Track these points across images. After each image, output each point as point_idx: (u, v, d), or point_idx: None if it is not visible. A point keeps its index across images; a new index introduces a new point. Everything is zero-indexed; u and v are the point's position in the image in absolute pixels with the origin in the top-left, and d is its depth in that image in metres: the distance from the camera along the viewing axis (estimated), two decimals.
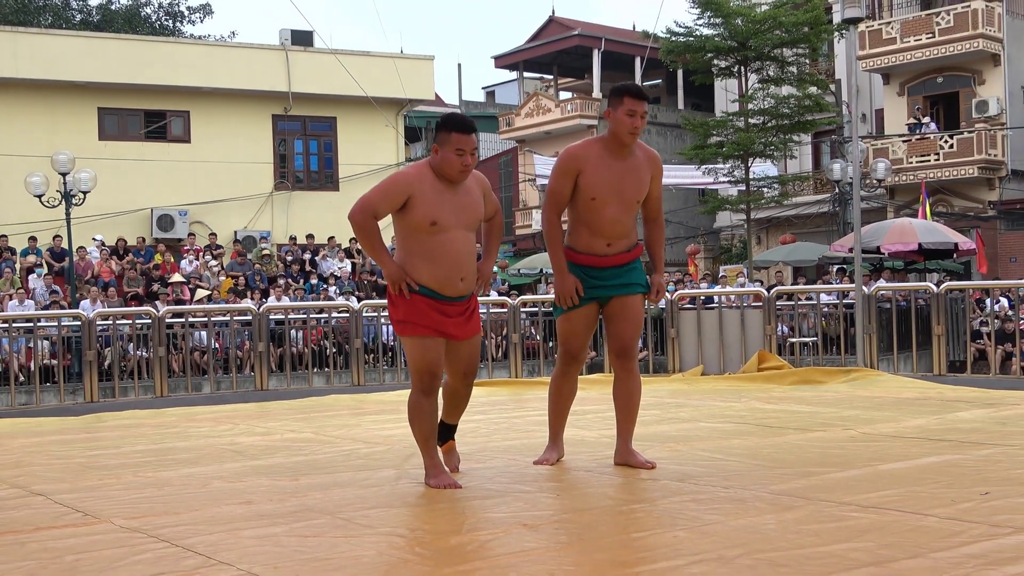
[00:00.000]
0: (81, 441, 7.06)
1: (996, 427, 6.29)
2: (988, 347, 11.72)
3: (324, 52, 25.22)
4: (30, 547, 3.76)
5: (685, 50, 27.53)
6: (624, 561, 3.39)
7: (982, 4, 28.44)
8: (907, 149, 29.24)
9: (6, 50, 22.49)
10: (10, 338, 12.20)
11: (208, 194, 23.78)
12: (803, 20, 26.13)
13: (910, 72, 30.25)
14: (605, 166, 4.69)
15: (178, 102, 24.11)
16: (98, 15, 38.41)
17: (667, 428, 6.68)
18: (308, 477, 5.15)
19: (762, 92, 27.00)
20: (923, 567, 3.11)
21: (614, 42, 36.77)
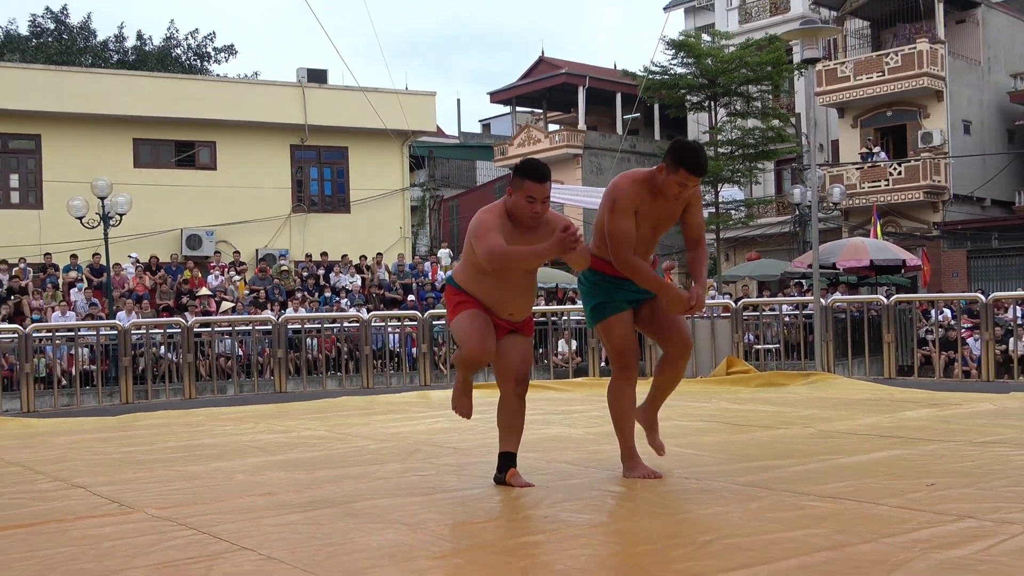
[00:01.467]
0: (117, 438, 7.05)
1: (940, 425, 6.30)
2: (933, 353, 11.73)
3: (337, 89, 25.26)
4: (71, 534, 3.77)
5: (661, 87, 27.66)
6: (605, 545, 3.40)
7: (927, 46, 28.58)
8: (860, 176, 29.33)
9: (52, 87, 22.51)
10: (54, 345, 12.17)
11: (232, 216, 23.78)
12: (766, 60, 26.30)
13: (862, 107, 30.37)
14: (649, 206, 4.37)
15: (205, 133, 24.12)
16: (133, 55, 38.44)
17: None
18: (322, 471, 5.15)
19: (730, 124, 27.13)
20: (875, 551, 3.12)
21: (597, 79, 36.85)
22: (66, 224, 19.93)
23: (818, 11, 30.63)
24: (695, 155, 4.22)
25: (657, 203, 4.37)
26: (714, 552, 3.19)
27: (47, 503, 4.47)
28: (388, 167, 25.96)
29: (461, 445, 6.00)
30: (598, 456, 5.31)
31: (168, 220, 22.95)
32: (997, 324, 11.59)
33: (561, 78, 36.76)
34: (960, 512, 3.63)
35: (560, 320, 14.34)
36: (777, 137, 27.22)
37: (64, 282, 18.62)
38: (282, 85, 25.45)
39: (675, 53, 27.50)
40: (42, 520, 4.06)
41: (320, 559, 3.23)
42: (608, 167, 33.95)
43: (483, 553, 3.32)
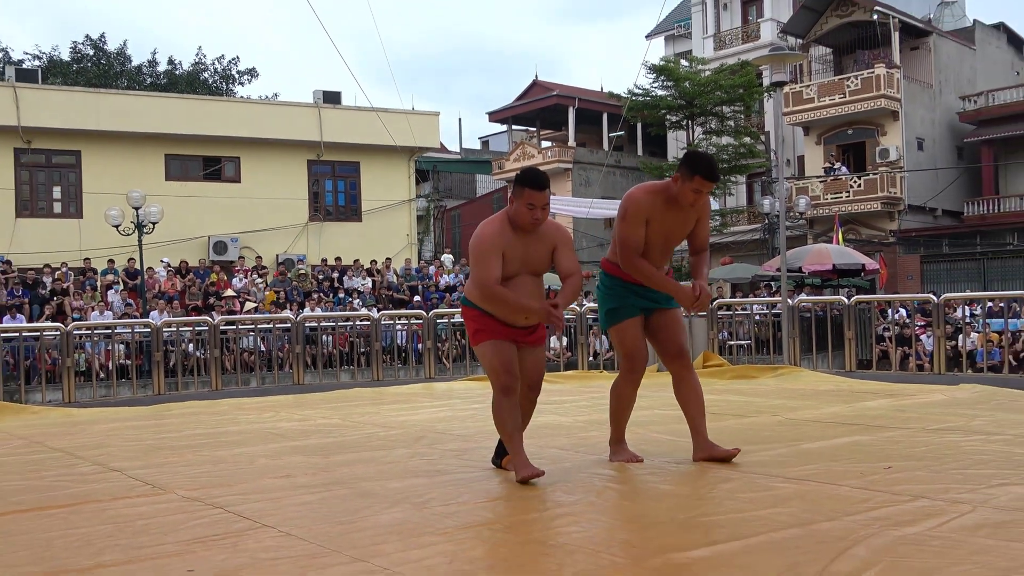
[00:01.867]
0: (150, 426, 7.04)
1: (896, 413, 6.30)
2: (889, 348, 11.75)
3: (350, 109, 25.27)
4: (109, 513, 3.76)
5: (643, 107, 27.67)
6: (590, 523, 3.39)
7: (884, 71, 28.63)
8: (823, 188, 29.36)
9: (90, 107, 22.50)
10: (92, 342, 12.16)
11: (255, 224, 23.78)
12: (739, 83, 26.31)
13: (825, 125, 30.41)
14: (662, 216, 4.28)
15: (230, 149, 24.12)
16: (165, 78, 38.41)
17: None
18: (336, 455, 5.14)
19: (706, 141, 27.14)
20: (837, 528, 3.12)
21: (586, 101, 36.88)
22: (104, 232, 19.91)
23: (785, 39, 30.66)
24: (709, 163, 4.18)
25: (670, 213, 4.30)
26: (692, 528, 3.19)
27: (87, 485, 4.46)
28: (396, 180, 25.98)
29: (462, 432, 5.99)
30: (587, 442, 5.32)
31: (196, 228, 22.95)
32: (947, 322, 11.61)
33: (553, 100, 36.80)
34: (914, 493, 3.64)
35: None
36: (748, 153, 27.24)
37: (102, 284, 18.61)
38: (300, 106, 25.44)
39: (656, 77, 27.52)
40: (82, 500, 4.06)
41: (334, 535, 3.23)
42: (595, 180, 33.98)
43: (483, 530, 3.32)
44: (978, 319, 12.78)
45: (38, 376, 10.72)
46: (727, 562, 2.77)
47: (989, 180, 30.43)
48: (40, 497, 4.16)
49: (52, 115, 21.84)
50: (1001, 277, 26.02)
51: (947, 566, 2.66)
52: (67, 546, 3.23)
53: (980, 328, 12.39)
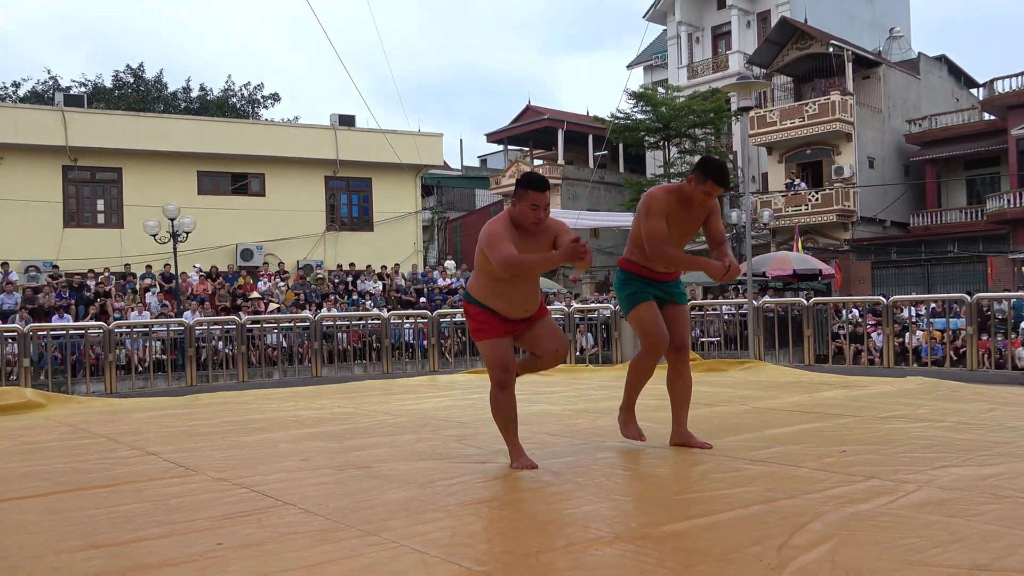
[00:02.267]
0: (183, 414, 7.02)
1: (850, 402, 6.31)
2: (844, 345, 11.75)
3: (362, 131, 25.25)
4: (145, 492, 3.75)
5: (625, 130, 27.73)
6: (576, 500, 3.39)
7: (839, 97, 28.70)
8: (784, 201, 29.41)
9: (130, 129, 22.46)
10: (132, 339, 12.12)
11: (278, 233, 23.75)
12: (710, 108, 26.40)
13: (786, 146, 30.47)
14: (677, 212, 4.25)
15: (256, 167, 24.09)
16: (197, 103, 38.36)
17: (611, 404, 6.65)
18: (350, 440, 5.13)
19: (680, 160, 27.19)
20: (798, 505, 3.12)
21: (573, 123, 36.90)
22: (142, 240, 19.88)
23: (751, 69, 30.72)
24: (722, 170, 4.15)
25: (683, 211, 4.26)
26: (668, 506, 3.19)
27: (126, 467, 4.45)
28: (404, 194, 25.96)
29: (463, 419, 5.99)
30: (574, 428, 5.32)
31: (225, 237, 22.91)
32: (896, 321, 11.63)
33: (544, 123, 36.83)
34: (867, 473, 3.64)
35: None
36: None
37: (140, 287, 18.57)
38: (318, 128, 25.42)
39: (636, 103, 27.61)
40: (122, 481, 4.04)
41: (348, 512, 3.22)
42: (582, 194, 33.97)
43: (481, 507, 3.32)
44: (923, 319, 12.81)
45: (83, 370, 10.68)
46: (700, 535, 2.77)
47: (932, 195, 30.52)
48: (84, 478, 4.15)
49: (96, 136, 21.80)
50: (943, 281, 26.10)
51: (896, 539, 2.66)
52: (108, 522, 3.21)
53: (924, 327, 12.42)
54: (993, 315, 11.18)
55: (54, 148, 21.32)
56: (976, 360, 9.06)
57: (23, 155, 21.09)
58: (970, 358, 9.11)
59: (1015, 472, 3.62)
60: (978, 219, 28.38)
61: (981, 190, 29.73)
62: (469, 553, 2.69)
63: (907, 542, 2.63)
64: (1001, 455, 4.03)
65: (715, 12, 34.65)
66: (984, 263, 26.05)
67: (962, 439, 4.51)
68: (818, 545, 2.61)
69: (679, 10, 34.66)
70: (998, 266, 25.54)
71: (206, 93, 39.10)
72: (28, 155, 21.14)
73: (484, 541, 2.84)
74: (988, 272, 25.48)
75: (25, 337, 9.79)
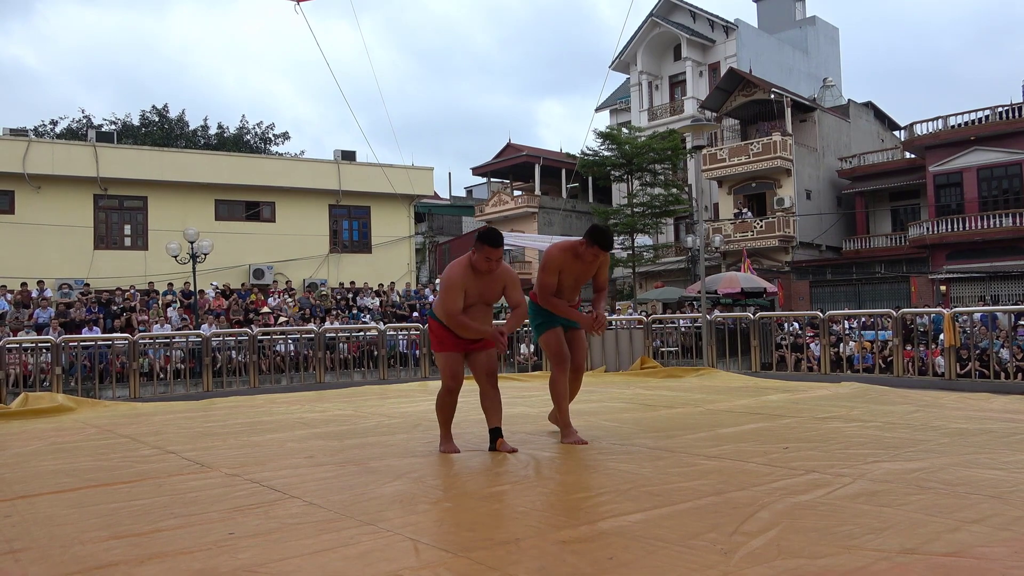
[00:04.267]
0: (200, 417, 6.94)
1: (792, 405, 6.33)
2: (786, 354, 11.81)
3: (362, 164, 25.23)
4: (165, 487, 3.69)
5: (593, 165, 27.84)
6: (554, 492, 3.37)
7: (779, 137, 29.03)
8: (733, 228, 29.62)
9: (155, 162, 22.32)
10: (154, 349, 11.97)
11: (286, 255, 23.62)
12: (668, 146, 26.57)
13: (735, 179, 30.74)
14: (571, 266, 4.61)
15: (267, 196, 23.97)
16: (215, 139, 38.21)
17: (582, 407, 6.67)
18: (349, 439, 5.09)
19: (642, 192, 27.32)
20: (747, 496, 3.11)
21: (548, 159, 37.06)
22: (165, 261, 19.72)
23: (703, 112, 31.04)
24: (604, 236, 4.50)
25: (577, 264, 4.64)
26: (632, 497, 3.17)
27: (147, 464, 4.38)
28: (398, 221, 25.91)
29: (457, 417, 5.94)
30: (549, 428, 5.29)
31: (239, 258, 22.75)
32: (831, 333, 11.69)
33: (523, 158, 36.97)
34: (807, 468, 3.64)
35: (522, 331, 14.29)
36: (675, 201, 27.46)
37: (162, 303, 18.38)
38: (323, 162, 25.35)
39: (603, 141, 27.74)
40: (144, 477, 3.98)
41: (348, 504, 3.18)
42: (556, 221, 34.07)
43: (466, 499, 3.29)
44: (855, 331, 12.89)
45: (109, 377, 10.52)
46: (659, 524, 2.76)
47: (862, 223, 30.87)
48: (109, 474, 4.08)
49: (124, 168, 21.62)
50: (872, 298, 26.35)
51: (834, 526, 2.66)
52: (130, 514, 3.15)
53: (856, 338, 12.50)
54: (916, 328, 11.29)
55: (87, 179, 21.14)
56: (902, 367, 9.12)
57: (59, 185, 20.89)
58: (896, 366, 9.17)
59: (937, 466, 3.63)
60: (902, 244, 28.73)
61: (904, 219, 30.12)
62: (455, 540, 2.66)
63: (843, 529, 2.63)
64: (924, 451, 4.05)
65: (672, 63, 35.02)
66: (907, 282, 26.35)
67: (891, 437, 4.53)
68: (765, 531, 2.60)
69: (640, 61, 34.99)
70: (920, 285, 25.84)
71: (223, 131, 38.95)
72: (63, 185, 20.95)
73: (469, 529, 2.81)
74: (911, 290, 25.78)
75: (58, 347, 9.64)
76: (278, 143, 40.03)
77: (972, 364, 9.45)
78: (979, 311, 10.32)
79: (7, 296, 17.34)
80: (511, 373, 11.59)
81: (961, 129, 26.95)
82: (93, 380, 10.01)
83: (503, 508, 3.12)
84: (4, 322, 15.80)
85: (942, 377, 8.85)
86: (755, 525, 2.68)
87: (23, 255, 20.10)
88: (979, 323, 11.44)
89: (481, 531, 2.76)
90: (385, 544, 2.62)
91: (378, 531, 2.77)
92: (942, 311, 9.44)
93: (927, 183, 27.92)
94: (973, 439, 4.41)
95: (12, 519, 3.16)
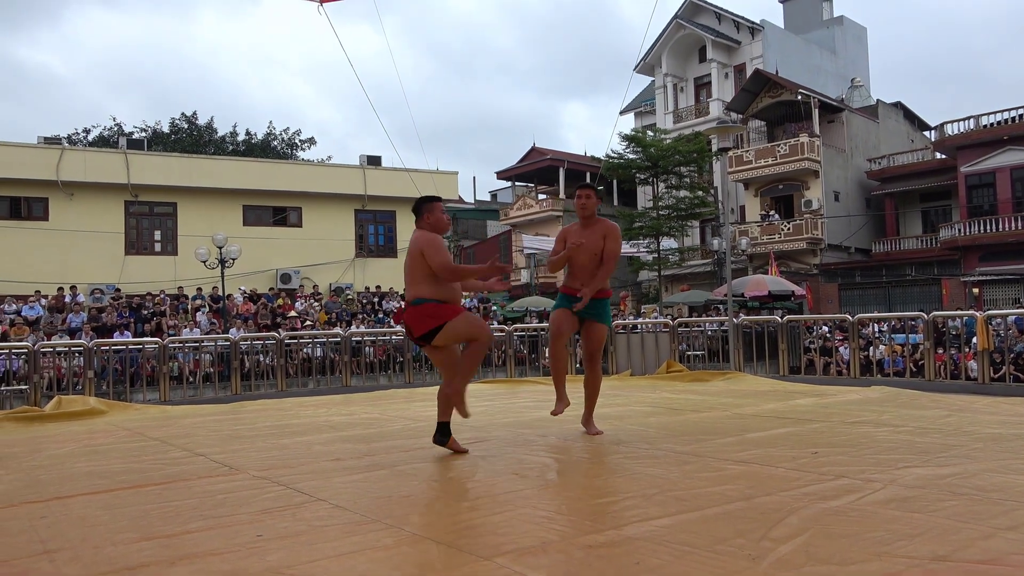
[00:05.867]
0: (229, 420, 7.01)
1: (821, 409, 6.26)
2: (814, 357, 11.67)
3: (387, 169, 25.39)
4: (194, 489, 3.73)
5: (617, 168, 27.76)
6: (579, 497, 3.36)
7: (807, 139, 28.73)
8: (760, 231, 29.36)
9: (185, 169, 22.64)
10: (184, 353, 12.13)
11: (313, 259, 23.81)
12: (693, 149, 26.39)
13: (761, 182, 30.47)
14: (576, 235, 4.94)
15: (294, 201, 24.20)
16: (243, 146, 38.66)
17: (608, 411, 6.65)
18: (376, 442, 5.11)
19: (667, 195, 27.17)
20: (775, 501, 3.08)
21: (573, 162, 37.03)
22: (194, 266, 19.97)
23: (729, 115, 30.81)
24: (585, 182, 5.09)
25: (583, 234, 4.90)
26: (659, 502, 3.15)
27: (177, 467, 4.43)
28: None
29: (475, 424, 5.95)
30: (575, 433, 5.28)
31: (267, 262, 22.99)
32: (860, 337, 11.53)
33: (547, 162, 36.96)
34: (837, 473, 3.59)
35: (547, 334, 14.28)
36: (701, 204, 27.25)
37: (192, 307, 18.62)
38: (349, 167, 25.55)
39: (628, 144, 27.62)
40: (174, 479, 4.03)
41: (374, 507, 3.20)
42: None
43: (491, 503, 3.29)
44: (885, 334, 12.71)
45: (140, 380, 10.69)
46: (686, 529, 2.74)
47: (891, 225, 30.45)
48: (139, 476, 4.14)
49: (155, 175, 21.97)
50: (902, 301, 25.95)
51: (864, 532, 2.63)
52: (160, 516, 3.20)
53: (887, 341, 12.32)
54: (948, 331, 11.10)
55: (118, 185, 21.50)
56: (933, 371, 8.98)
57: (91, 192, 21.26)
58: (928, 369, 9.03)
59: (970, 472, 3.57)
60: (932, 246, 28.28)
61: (935, 220, 29.65)
62: (481, 544, 2.66)
63: (874, 535, 2.59)
64: (957, 456, 3.98)
65: (697, 65, 34.83)
66: (938, 285, 25.92)
67: (922, 442, 4.46)
68: (794, 537, 2.57)
69: (665, 63, 34.85)
70: (951, 288, 25.40)
71: (251, 137, 39.42)
72: (95, 192, 21.32)
73: (495, 533, 2.81)
74: (943, 293, 25.34)
75: (90, 351, 9.80)
76: (304, 149, 40.44)
77: (1007, 368, 9.27)
78: (1013, 314, 10.13)
79: (41, 301, 17.67)
80: (535, 377, 11.58)
81: (993, 129, 26.49)
82: (124, 383, 10.17)
83: (529, 512, 3.12)
84: (39, 326, 16.10)
85: (975, 381, 8.69)
86: (784, 531, 2.65)
87: (56, 261, 20.48)
88: (1013, 326, 11.22)
89: (507, 535, 2.76)
90: (411, 547, 2.62)
91: (404, 534, 2.78)
92: (975, 314, 9.27)
93: (959, 184, 27.47)
94: (1008, 444, 4.32)
95: (47, 520, 3.22)
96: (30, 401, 9.04)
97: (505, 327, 13.38)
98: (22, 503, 3.56)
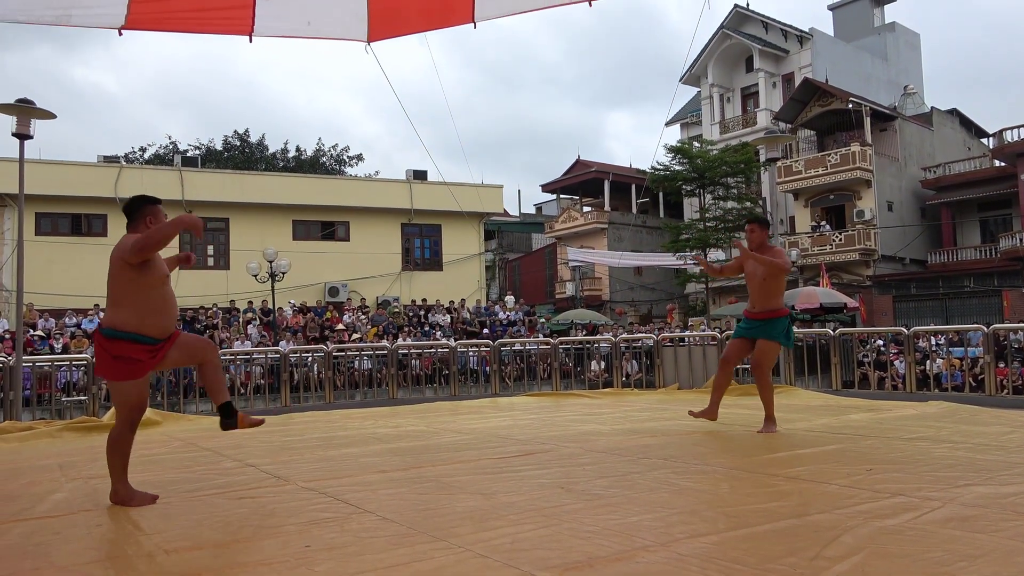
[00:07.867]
0: (278, 431, 7.11)
1: (876, 425, 6.10)
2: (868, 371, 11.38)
3: (433, 184, 25.63)
4: (244, 499, 3.79)
5: (664, 180, 27.57)
6: (627, 512, 3.32)
7: (858, 148, 28.16)
8: (811, 242, 28.83)
9: (236, 185, 23.18)
10: (235, 365, 12.37)
11: (360, 273, 24.13)
12: (741, 159, 26.08)
13: (811, 192, 29.94)
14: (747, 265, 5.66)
15: (342, 216, 24.59)
16: (293, 162, 39.44)
17: (655, 424, 6.57)
18: (422, 455, 5.13)
19: (714, 206, 26.88)
20: (827, 519, 3.01)
21: (618, 174, 36.92)
22: (245, 280, 20.40)
23: (777, 124, 30.39)
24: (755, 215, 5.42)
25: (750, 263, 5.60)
26: (709, 518, 3.10)
27: (228, 477, 4.51)
28: (469, 238, 26.20)
29: (522, 437, 5.94)
30: (621, 446, 5.23)
31: (316, 276, 23.37)
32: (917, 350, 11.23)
33: (592, 174, 36.89)
34: (893, 491, 3.49)
35: (592, 347, 14.21)
36: (749, 215, 26.89)
37: (243, 320, 19.00)
38: (395, 181, 25.88)
39: (674, 156, 27.42)
40: (225, 489, 4.10)
41: (420, 520, 3.21)
42: (626, 237, 33.83)
43: (536, 515, 3.27)
44: (942, 348, 12.35)
45: (193, 392, 10.93)
46: (738, 546, 2.68)
47: (948, 235, 29.61)
48: (192, 486, 4.23)
49: (208, 191, 22.55)
50: (960, 313, 25.17)
51: (922, 553, 2.54)
52: (211, 524, 3.25)
53: (944, 355, 11.97)
54: (1010, 344, 10.73)
55: (172, 202, 22.10)
56: (995, 386, 8.68)
57: None
58: (988, 384, 8.73)
59: None
60: (992, 256, 27.40)
61: (994, 230, 28.73)
62: (527, 559, 2.64)
63: (933, 555, 2.50)
64: (1021, 475, 3.83)
65: (744, 75, 34.46)
66: (999, 297, 25.07)
67: (983, 459, 4.31)
68: (849, 557, 2.50)
69: (711, 74, 34.56)
70: (1013, 299, 24.54)
71: (300, 154, 40.19)
72: None
73: (540, 548, 2.79)
74: (1004, 305, 24.51)
75: None
76: (352, 165, 41.07)
77: None
78: None
79: (100, 315, 18.23)
80: (580, 390, 11.51)
81: None
82: (178, 395, 10.41)
83: (575, 527, 3.09)
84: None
85: None
86: (838, 550, 2.58)
87: None
88: None
89: (553, 550, 2.74)
90: (457, 560, 2.62)
91: (450, 547, 2.78)
92: None
93: (1020, 192, 26.59)
94: None
95: (102, 528, 3.30)
96: (88, 411, 9.31)
97: (551, 340, 13.34)
98: (80, 511, 3.66)
